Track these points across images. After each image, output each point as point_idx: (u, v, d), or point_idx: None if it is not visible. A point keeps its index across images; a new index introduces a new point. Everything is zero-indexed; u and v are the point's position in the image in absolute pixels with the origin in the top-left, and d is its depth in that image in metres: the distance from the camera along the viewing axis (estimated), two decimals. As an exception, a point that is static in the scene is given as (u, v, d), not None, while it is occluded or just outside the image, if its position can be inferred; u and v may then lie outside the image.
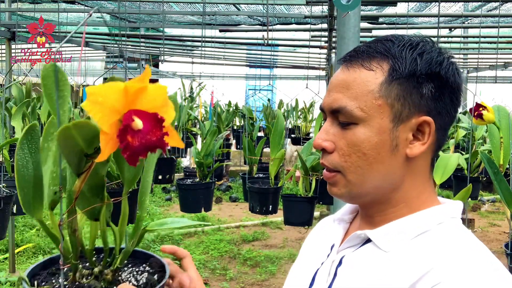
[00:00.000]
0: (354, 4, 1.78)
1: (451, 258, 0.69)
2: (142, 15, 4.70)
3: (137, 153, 0.60)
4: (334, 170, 0.78)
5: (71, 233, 0.76)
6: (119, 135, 0.60)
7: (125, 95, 0.61)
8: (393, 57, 0.75)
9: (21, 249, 5.16)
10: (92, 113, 0.60)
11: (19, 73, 5.81)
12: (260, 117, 6.26)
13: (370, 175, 0.76)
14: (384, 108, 0.74)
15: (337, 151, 0.77)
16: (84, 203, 0.77)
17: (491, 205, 7.76)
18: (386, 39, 0.78)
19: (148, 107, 0.62)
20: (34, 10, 4.23)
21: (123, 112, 0.61)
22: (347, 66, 0.78)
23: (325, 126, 0.79)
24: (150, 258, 0.86)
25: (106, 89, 0.60)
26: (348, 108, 0.75)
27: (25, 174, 0.73)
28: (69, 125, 0.63)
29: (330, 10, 3.49)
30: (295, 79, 10.69)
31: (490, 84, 8.51)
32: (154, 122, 0.61)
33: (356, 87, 0.75)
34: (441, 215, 0.77)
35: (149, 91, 0.62)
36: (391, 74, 0.74)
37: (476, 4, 4.02)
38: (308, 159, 3.02)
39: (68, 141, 0.65)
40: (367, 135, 0.74)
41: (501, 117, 2.41)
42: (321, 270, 0.83)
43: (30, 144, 0.72)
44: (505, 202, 2.00)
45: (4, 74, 3.65)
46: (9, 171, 2.82)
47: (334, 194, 0.81)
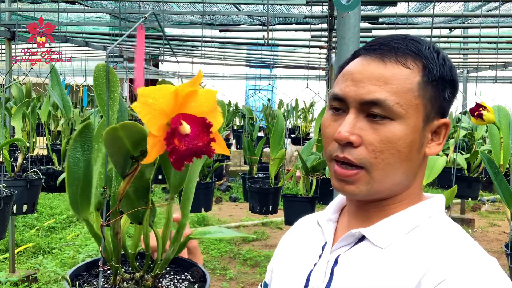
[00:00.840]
0: (354, 4, 1.78)
1: (450, 255, 0.71)
2: (142, 15, 4.70)
3: (183, 158, 0.60)
4: (357, 166, 0.75)
5: (113, 235, 0.76)
6: (166, 138, 0.59)
7: (175, 98, 0.61)
8: (426, 58, 0.76)
9: (21, 249, 5.15)
10: (141, 114, 0.59)
11: (19, 73, 5.81)
12: (260, 117, 6.27)
13: (396, 173, 0.75)
14: (420, 107, 0.75)
15: (365, 146, 0.74)
16: (128, 205, 0.76)
17: (491, 205, 7.76)
18: (411, 39, 0.78)
19: (197, 112, 0.61)
20: (34, 10, 4.23)
21: (171, 115, 0.60)
22: (381, 59, 0.75)
23: (350, 118, 0.75)
24: (193, 267, 0.85)
25: (156, 91, 0.60)
26: (388, 102, 0.73)
27: (76, 172, 0.72)
28: (117, 126, 0.63)
29: (330, 10, 3.49)
30: (295, 79, 10.70)
31: (490, 84, 8.52)
32: (202, 127, 0.60)
33: (396, 83, 0.74)
34: (430, 209, 0.80)
35: (199, 95, 0.62)
36: (426, 75, 0.75)
37: (476, 4, 4.02)
38: (308, 159, 3.02)
39: (115, 142, 0.65)
40: (404, 132, 0.74)
41: (501, 117, 2.41)
42: (316, 271, 0.82)
43: (83, 143, 0.72)
44: (505, 202, 2.00)
45: (4, 74, 3.65)
46: (9, 171, 2.82)
47: (349, 193, 0.77)
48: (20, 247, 5.17)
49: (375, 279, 0.73)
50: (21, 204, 2.78)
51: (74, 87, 5.31)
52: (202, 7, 4.02)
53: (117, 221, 0.75)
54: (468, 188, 3.56)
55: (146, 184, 0.75)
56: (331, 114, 0.80)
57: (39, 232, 5.84)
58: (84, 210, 0.75)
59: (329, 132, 0.79)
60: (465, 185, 3.52)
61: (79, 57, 7.09)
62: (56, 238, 5.66)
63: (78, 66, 7.86)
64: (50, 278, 4.37)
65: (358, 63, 0.78)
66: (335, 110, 0.79)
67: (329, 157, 0.79)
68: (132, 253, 0.80)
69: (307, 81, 3.27)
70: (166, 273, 0.84)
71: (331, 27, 3.69)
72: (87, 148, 0.72)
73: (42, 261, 4.80)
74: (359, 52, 0.80)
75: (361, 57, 0.78)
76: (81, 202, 0.74)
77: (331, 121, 0.79)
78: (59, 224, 6.24)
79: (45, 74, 5.66)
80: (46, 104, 3.57)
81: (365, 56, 0.77)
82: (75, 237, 5.80)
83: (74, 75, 7.34)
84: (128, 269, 0.82)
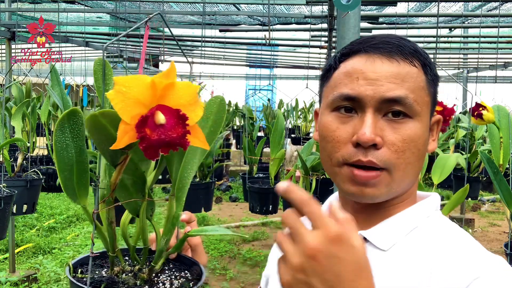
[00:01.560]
0: (354, 4, 1.78)
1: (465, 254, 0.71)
2: (142, 15, 4.70)
3: (154, 147, 0.60)
4: (380, 168, 0.72)
5: (108, 224, 0.76)
6: (137, 125, 0.60)
7: (152, 90, 0.61)
8: (423, 57, 0.76)
9: (21, 249, 5.15)
10: (114, 102, 0.60)
11: (19, 73, 5.81)
12: (260, 117, 6.27)
13: (412, 171, 0.74)
14: (429, 105, 0.76)
15: (387, 147, 0.72)
16: (126, 197, 0.76)
17: (491, 205, 7.76)
18: (402, 38, 0.78)
19: (175, 104, 0.62)
20: (34, 10, 4.23)
21: (150, 106, 0.61)
22: (392, 58, 0.74)
23: (370, 119, 0.72)
24: (194, 265, 0.85)
25: (131, 80, 0.61)
26: (409, 99, 0.72)
27: (65, 157, 0.72)
28: (96, 113, 0.63)
29: (330, 10, 3.49)
30: (295, 79, 10.70)
31: (490, 84, 8.51)
32: (177, 118, 0.61)
33: (411, 81, 0.73)
34: (427, 209, 0.80)
35: (177, 88, 0.62)
36: (429, 74, 0.76)
37: (476, 4, 4.02)
38: (308, 159, 3.02)
39: (100, 131, 0.65)
40: (422, 130, 0.74)
41: (501, 117, 2.41)
42: None
43: (73, 129, 0.72)
44: (505, 202, 2.00)
45: (4, 74, 3.65)
46: (9, 171, 2.82)
47: (369, 196, 0.74)
48: (20, 247, 5.17)
49: (379, 282, 0.72)
50: (21, 204, 2.78)
51: (74, 87, 5.31)
52: (202, 7, 4.02)
53: (111, 210, 0.75)
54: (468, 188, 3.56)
55: (141, 177, 0.75)
56: (337, 116, 0.76)
57: (39, 232, 5.84)
58: (81, 197, 0.75)
59: (339, 136, 0.74)
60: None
61: (79, 57, 7.09)
62: (56, 238, 5.66)
63: (78, 66, 7.86)
64: (50, 278, 4.37)
65: (366, 61, 0.74)
66: (345, 110, 0.75)
67: (341, 163, 0.74)
68: (133, 245, 0.80)
69: (307, 81, 3.27)
70: (167, 269, 0.84)
71: (331, 27, 3.69)
72: (76, 134, 0.72)
73: (42, 261, 4.80)
74: (358, 50, 0.76)
75: (363, 55, 0.75)
76: (78, 189, 0.74)
77: (339, 124, 0.75)
78: (59, 224, 6.24)
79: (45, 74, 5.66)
80: (46, 104, 3.57)
81: (369, 54, 0.75)
82: (75, 237, 5.80)
83: (74, 75, 7.34)
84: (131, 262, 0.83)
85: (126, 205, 0.78)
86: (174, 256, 0.87)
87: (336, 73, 0.78)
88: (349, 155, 0.73)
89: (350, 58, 0.77)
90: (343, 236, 0.53)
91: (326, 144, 0.77)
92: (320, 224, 0.53)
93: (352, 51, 0.77)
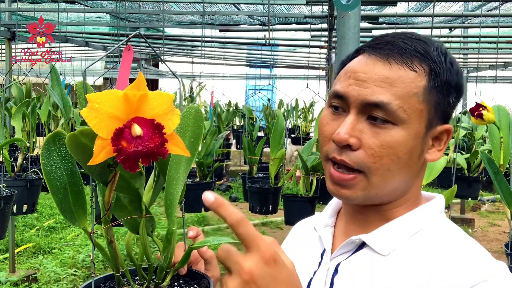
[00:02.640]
0: (354, 4, 1.78)
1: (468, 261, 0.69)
2: (142, 15, 4.70)
3: (132, 159, 0.60)
4: (355, 170, 0.72)
5: (108, 244, 0.75)
6: (112, 139, 0.60)
7: (126, 103, 0.62)
8: (433, 62, 0.72)
9: (21, 249, 5.15)
10: (88, 119, 0.60)
11: (19, 73, 5.81)
12: (260, 117, 6.27)
13: (394, 178, 0.72)
14: (423, 113, 0.72)
15: (364, 150, 0.71)
16: (125, 216, 0.76)
17: (491, 205, 7.76)
18: (418, 38, 0.74)
19: (150, 114, 0.62)
20: (34, 10, 4.23)
21: (126, 119, 0.62)
22: (387, 60, 0.72)
23: (350, 120, 0.71)
24: (203, 279, 0.85)
25: (103, 96, 0.61)
26: (392, 106, 0.69)
27: (56, 180, 0.72)
28: (75, 132, 0.64)
29: (330, 10, 3.49)
30: (295, 79, 10.70)
31: (490, 84, 8.51)
32: (153, 128, 0.61)
33: (401, 86, 0.70)
34: (431, 212, 0.78)
35: (150, 98, 0.63)
36: (433, 80, 0.72)
37: (476, 4, 4.02)
38: (308, 159, 3.02)
39: (82, 150, 0.65)
40: (405, 138, 0.71)
41: (501, 117, 2.41)
42: (315, 280, 0.79)
43: (60, 152, 0.72)
44: (505, 202, 2.00)
45: (4, 74, 3.65)
46: (9, 171, 2.82)
47: (345, 197, 0.74)
48: (20, 247, 5.17)
49: (377, 287, 0.71)
50: (21, 204, 2.78)
51: (74, 87, 5.31)
52: (202, 7, 4.02)
53: (110, 229, 0.74)
54: (468, 188, 3.56)
55: (137, 194, 0.75)
56: (330, 112, 0.76)
57: (39, 232, 5.84)
58: (81, 220, 0.74)
59: (326, 131, 0.75)
60: (465, 185, 3.52)
61: (79, 57, 7.09)
62: (56, 238, 5.66)
63: (78, 66, 7.86)
64: (50, 278, 4.37)
65: (362, 61, 0.74)
66: (334, 108, 0.75)
67: (325, 157, 0.75)
68: (139, 264, 0.80)
69: (307, 81, 3.26)
70: (177, 285, 0.83)
71: (331, 27, 3.69)
72: (65, 157, 0.72)
73: (42, 261, 4.80)
74: (364, 49, 0.76)
75: (365, 54, 0.75)
76: (76, 211, 0.74)
77: (329, 120, 0.76)
78: (59, 224, 6.24)
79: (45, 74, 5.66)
80: (46, 104, 3.57)
81: (369, 55, 0.74)
82: (75, 237, 5.80)
83: (74, 75, 7.34)
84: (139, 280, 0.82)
85: (126, 223, 0.78)
86: (184, 271, 0.86)
87: (342, 69, 0.78)
88: (330, 151, 0.74)
89: (356, 56, 0.77)
90: (276, 257, 0.55)
91: (319, 138, 0.78)
92: (255, 247, 0.55)
93: (359, 49, 0.77)
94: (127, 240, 0.85)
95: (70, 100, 3.32)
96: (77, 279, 4.46)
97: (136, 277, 0.83)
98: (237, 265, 0.55)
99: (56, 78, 3.11)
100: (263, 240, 0.55)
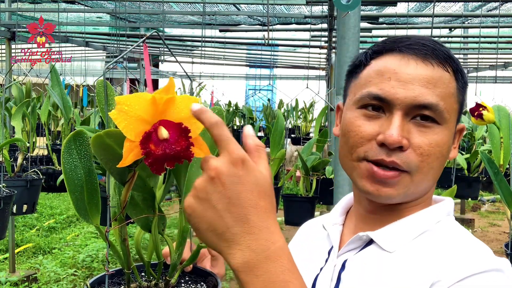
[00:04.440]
0: (354, 4, 1.78)
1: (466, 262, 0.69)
2: (142, 15, 4.70)
3: (159, 162, 0.61)
4: (402, 170, 0.72)
5: (121, 242, 0.76)
6: (141, 142, 0.61)
7: (154, 106, 0.62)
8: (456, 64, 0.75)
9: (21, 249, 5.15)
10: (117, 121, 0.61)
11: (19, 73, 5.81)
12: (260, 117, 6.27)
13: (432, 176, 0.74)
14: (456, 113, 0.75)
15: (413, 150, 0.71)
16: (137, 214, 0.77)
17: (491, 205, 7.76)
18: (437, 42, 0.76)
19: (176, 118, 0.63)
20: (34, 10, 4.23)
21: (152, 122, 0.63)
22: (427, 60, 0.72)
23: (398, 121, 0.71)
24: (209, 276, 0.86)
25: (132, 99, 0.62)
26: (440, 107, 0.71)
27: (74, 178, 0.73)
28: (101, 133, 0.65)
29: (330, 10, 3.49)
30: (295, 79, 10.70)
31: (490, 84, 8.51)
32: (179, 132, 0.62)
33: (442, 87, 0.72)
34: (439, 213, 0.78)
35: (177, 102, 0.64)
36: (460, 81, 0.75)
37: (476, 4, 4.02)
38: (308, 159, 3.02)
39: (105, 150, 0.66)
40: (448, 137, 0.74)
41: (501, 117, 2.41)
42: (322, 275, 0.79)
43: (80, 151, 0.73)
44: (505, 202, 2.00)
45: (4, 74, 3.65)
46: (9, 171, 2.82)
47: (386, 196, 0.73)
48: (20, 247, 5.17)
49: (383, 284, 0.71)
50: (21, 204, 2.78)
51: (74, 87, 5.31)
52: (202, 7, 4.02)
53: (124, 227, 0.75)
54: (468, 188, 3.56)
55: (151, 192, 0.76)
56: (363, 113, 0.74)
57: (39, 232, 5.84)
58: (94, 217, 0.76)
59: (364, 131, 0.73)
60: (465, 185, 3.53)
61: (79, 57, 7.09)
62: (56, 238, 5.66)
63: (78, 66, 7.86)
64: (50, 278, 4.37)
65: (400, 61, 0.73)
66: (372, 109, 0.74)
67: (361, 158, 0.74)
68: (147, 261, 0.81)
69: (307, 81, 3.27)
70: (183, 282, 0.84)
71: (331, 27, 3.69)
72: (84, 155, 0.73)
73: (42, 261, 4.80)
74: (391, 49, 0.75)
75: (397, 54, 0.74)
76: (90, 209, 0.75)
77: (364, 120, 0.74)
78: (59, 224, 6.24)
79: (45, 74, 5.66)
80: (46, 104, 3.57)
81: (404, 54, 0.73)
82: (75, 237, 5.80)
83: (74, 75, 7.34)
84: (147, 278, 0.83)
85: (138, 221, 0.79)
86: (190, 268, 0.86)
87: (366, 70, 0.76)
88: (373, 153, 0.72)
89: (382, 56, 0.75)
90: (245, 159, 0.56)
91: (349, 139, 0.76)
92: (225, 147, 0.56)
93: (386, 49, 0.75)
94: (136, 238, 0.86)
95: (70, 100, 3.32)
96: (77, 279, 4.46)
97: (144, 273, 0.84)
98: (206, 163, 0.57)
99: (56, 78, 3.11)
100: (235, 143, 0.56)
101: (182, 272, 0.85)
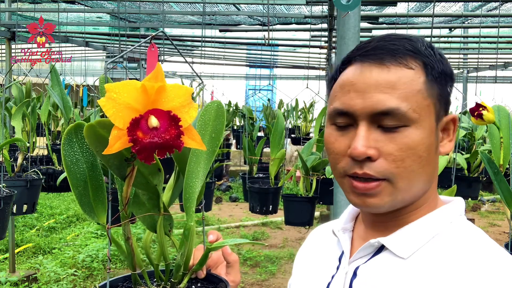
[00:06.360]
0: (354, 4, 1.78)
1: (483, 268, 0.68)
2: (142, 15, 4.70)
3: (147, 150, 0.60)
4: (378, 179, 0.70)
5: (125, 240, 0.74)
6: (129, 129, 0.60)
7: (144, 94, 0.61)
8: (424, 56, 0.72)
9: (21, 249, 5.16)
10: (105, 108, 0.60)
11: (19, 73, 5.81)
12: (260, 117, 6.26)
13: (419, 179, 0.72)
14: (431, 108, 0.72)
15: (384, 158, 0.70)
16: (143, 213, 0.76)
17: (491, 205, 7.76)
18: (404, 38, 0.74)
19: (167, 107, 0.62)
20: (34, 10, 4.23)
21: (143, 111, 0.62)
22: (382, 63, 0.71)
23: (362, 132, 0.70)
24: (220, 282, 0.85)
25: (121, 86, 0.61)
26: (401, 109, 0.69)
27: (76, 172, 0.71)
28: (93, 123, 0.63)
29: (330, 10, 3.49)
30: (295, 79, 10.70)
31: (490, 84, 8.51)
32: (169, 120, 0.61)
33: (404, 87, 0.70)
34: (450, 215, 0.77)
35: (168, 90, 0.63)
36: (430, 73, 0.72)
37: (476, 4, 4.02)
38: (308, 159, 3.02)
39: (100, 141, 0.65)
40: (421, 136, 0.70)
41: (501, 117, 2.41)
42: (334, 283, 0.78)
43: (81, 143, 0.71)
44: (505, 202, 2.00)
45: (4, 74, 3.65)
46: (9, 171, 2.82)
47: (373, 206, 0.72)
48: (20, 247, 5.18)
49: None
50: (21, 204, 2.78)
51: (74, 87, 5.31)
52: (202, 7, 4.02)
53: (127, 225, 0.73)
54: (468, 188, 3.55)
55: (155, 191, 0.74)
56: (335, 129, 0.75)
57: (39, 232, 5.84)
58: (100, 215, 0.74)
59: (337, 148, 0.74)
60: (465, 185, 3.52)
61: (79, 57, 7.09)
62: (56, 238, 5.66)
63: (78, 66, 7.86)
64: (50, 278, 4.37)
65: (357, 71, 0.72)
66: (341, 123, 0.74)
67: (342, 174, 0.74)
68: (156, 263, 0.79)
69: (307, 81, 3.27)
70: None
71: (331, 27, 3.69)
72: (86, 149, 0.71)
73: (42, 261, 4.80)
74: (353, 58, 0.74)
75: (357, 64, 0.73)
76: (95, 206, 0.73)
77: (337, 136, 0.74)
78: (59, 224, 6.24)
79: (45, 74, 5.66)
80: (46, 104, 3.57)
81: (362, 63, 0.72)
82: (75, 237, 5.80)
83: (74, 75, 7.34)
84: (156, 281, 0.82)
85: (144, 221, 0.77)
86: (203, 275, 0.84)
87: (335, 85, 0.76)
88: (348, 167, 0.72)
89: (347, 68, 0.75)
90: None
91: (329, 156, 0.76)
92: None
93: (349, 59, 0.75)
94: (145, 240, 0.84)
95: (70, 100, 3.32)
96: (77, 279, 4.45)
97: (153, 277, 0.82)
98: None
99: (56, 78, 3.11)
100: None
101: (194, 278, 0.83)
